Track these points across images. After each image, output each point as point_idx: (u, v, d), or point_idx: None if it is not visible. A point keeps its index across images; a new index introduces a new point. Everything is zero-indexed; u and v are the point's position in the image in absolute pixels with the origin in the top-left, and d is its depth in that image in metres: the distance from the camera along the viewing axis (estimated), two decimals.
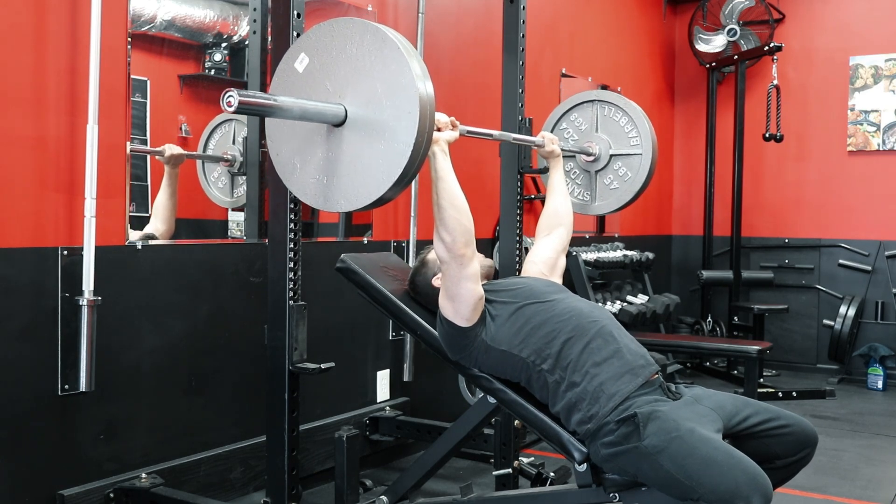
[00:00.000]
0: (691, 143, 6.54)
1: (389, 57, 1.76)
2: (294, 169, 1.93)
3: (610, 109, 2.94)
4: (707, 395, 2.10)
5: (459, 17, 4.07)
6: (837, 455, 3.94)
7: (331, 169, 1.86)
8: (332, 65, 1.85)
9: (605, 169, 2.96)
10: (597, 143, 2.96)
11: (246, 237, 3.09)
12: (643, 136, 2.88)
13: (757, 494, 1.78)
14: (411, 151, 1.72)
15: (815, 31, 6.07)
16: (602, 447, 2.00)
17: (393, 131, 1.75)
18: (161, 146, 2.79)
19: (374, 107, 1.78)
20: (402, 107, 1.74)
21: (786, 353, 6.06)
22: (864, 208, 5.89)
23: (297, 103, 1.80)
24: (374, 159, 1.78)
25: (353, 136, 1.82)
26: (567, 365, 2.10)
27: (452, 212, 2.08)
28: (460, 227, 2.09)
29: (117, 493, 2.51)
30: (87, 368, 2.35)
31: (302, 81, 1.90)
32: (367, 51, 1.79)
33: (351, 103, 1.82)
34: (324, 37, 1.88)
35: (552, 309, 2.22)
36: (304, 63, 1.89)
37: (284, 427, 2.23)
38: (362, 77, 1.80)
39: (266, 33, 3.04)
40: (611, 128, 2.94)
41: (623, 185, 2.92)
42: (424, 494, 2.83)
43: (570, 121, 3.04)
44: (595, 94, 3.02)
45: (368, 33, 1.79)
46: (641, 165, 2.88)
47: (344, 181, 1.84)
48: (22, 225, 2.33)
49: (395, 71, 1.75)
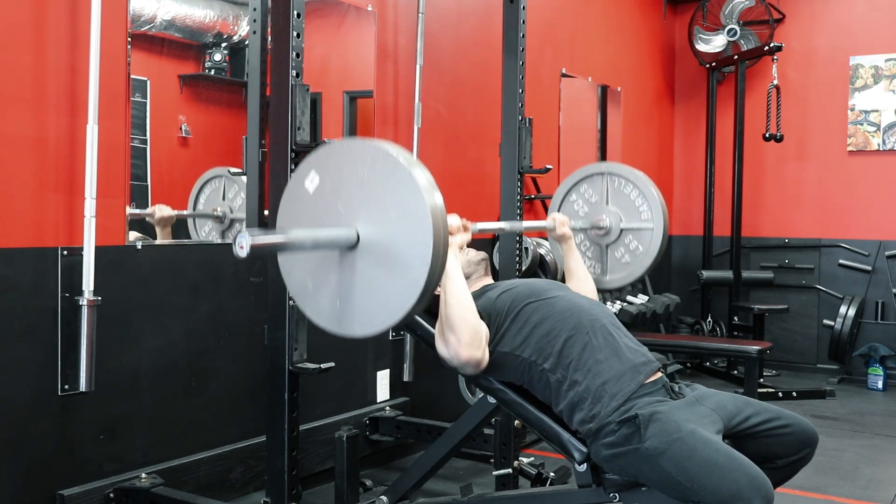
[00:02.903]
0: (691, 143, 6.54)
1: (398, 179, 1.72)
2: (307, 290, 1.90)
3: (620, 182, 2.90)
4: (708, 395, 2.10)
5: (459, 17, 4.07)
6: (837, 455, 3.94)
7: (344, 293, 1.82)
8: (343, 187, 1.81)
9: (615, 243, 2.91)
10: (607, 217, 2.91)
11: None
12: (654, 209, 2.84)
13: (758, 497, 1.78)
14: (425, 283, 1.69)
15: (815, 31, 6.07)
16: (603, 448, 2.00)
17: (407, 260, 1.71)
18: (151, 208, 2.78)
19: (386, 234, 1.75)
20: (414, 233, 1.69)
21: (786, 353, 6.06)
22: (864, 208, 5.89)
23: (309, 236, 1.77)
24: (388, 287, 1.74)
25: (366, 262, 1.78)
26: (569, 364, 2.10)
27: (459, 309, 2.07)
28: (467, 327, 2.07)
29: (117, 493, 2.51)
30: (87, 368, 2.35)
31: (312, 202, 1.85)
32: (378, 175, 1.75)
33: (363, 227, 1.77)
34: (335, 157, 1.85)
35: (553, 306, 2.21)
36: (314, 182, 1.85)
37: (284, 427, 2.23)
38: (375, 202, 1.76)
39: (266, 33, 3.03)
40: (621, 201, 2.89)
41: (634, 259, 2.88)
42: (424, 494, 2.83)
43: (579, 192, 3.00)
44: (605, 166, 2.99)
45: (380, 158, 1.75)
46: (653, 240, 2.82)
47: (358, 306, 1.80)
48: (22, 225, 2.33)
49: (407, 198, 1.70)
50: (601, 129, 5.54)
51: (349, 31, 3.59)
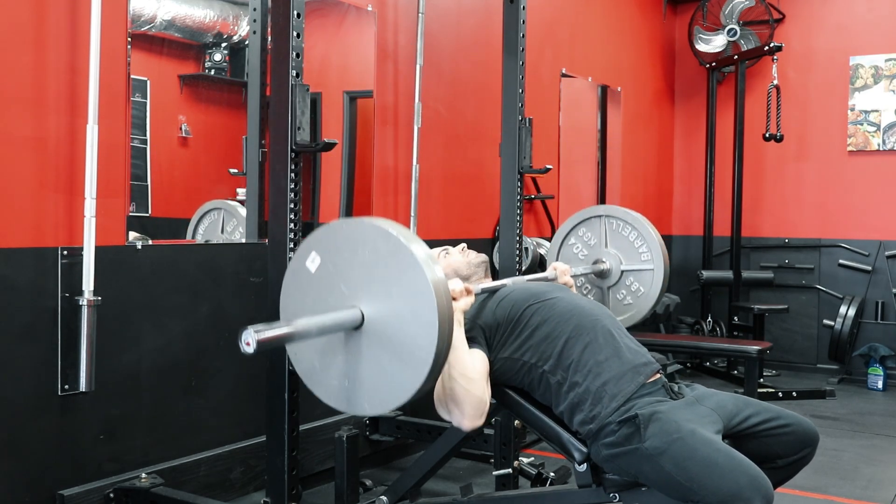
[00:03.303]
0: (691, 143, 6.54)
1: (402, 262, 1.72)
2: (314, 370, 1.91)
3: (618, 224, 2.92)
4: (708, 395, 2.10)
5: (459, 17, 4.07)
6: (837, 455, 3.94)
7: (352, 373, 1.82)
8: (344, 267, 1.81)
9: (617, 284, 2.93)
10: (607, 260, 2.92)
11: (246, 237, 3.09)
12: (653, 250, 2.85)
13: (758, 497, 1.78)
14: (433, 362, 1.68)
15: (815, 31, 6.07)
16: (603, 448, 2.00)
17: (413, 342, 1.70)
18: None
19: (391, 315, 1.74)
20: (420, 315, 1.69)
21: (786, 353, 6.06)
22: (864, 208, 5.89)
23: (314, 323, 1.76)
24: (395, 368, 1.74)
25: (371, 343, 1.78)
26: (569, 365, 2.09)
27: (463, 381, 2.03)
28: (470, 398, 2.04)
29: (117, 493, 2.51)
30: (87, 368, 2.35)
31: (315, 283, 1.86)
32: (380, 257, 1.75)
33: (367, 306, 1.77)
34: (334, 238, 1.85)
35: (552, 308, 2.21)
36: (315, 263, 1.85)
37: (284, 427, 2.23)
38: (376, 281, 1.76)
39: (266, 33, 3.04)
40: (620, 243, 2.91)
41: (636, 300, 2.90)
42: (424, 494, 2.82)
43: (578, 236, 3.01)
44: (603, 209, 3.00)
45: (380, 238, 1.75)
46: (654, 281, 2.84)
47: (366, 386, 1.80)
48: (22, 225, 2.33)
49: (409, 277, 1.70)
50: (601, 129, 5.54)
51: (349, 31, 3.59)
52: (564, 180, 4.98)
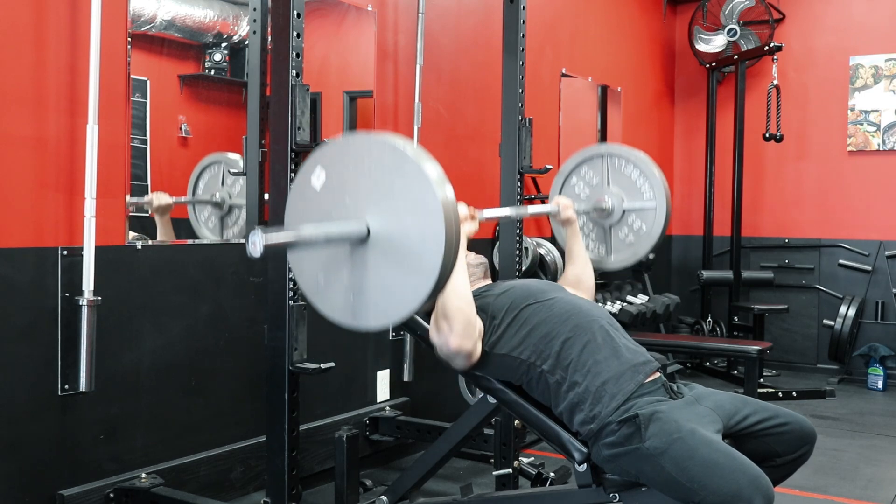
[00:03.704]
0: (691, 143, 6.54)
1: (408, 172, 1.71)
2: (319, 287, 1.89)
3: (620, 162, 2.89)
4: (707, 395, 2.10)
5: (459, 17, 4.07)
6: (837, 455, 3.94)
7: (357, 286, 1.81)
8: (350, 182, 1.80)
9: (619, 223, 2.90)
10: (609, 198, 2.90)
11: (246, 237, 3.09)
12: (655, 188, 2.83)
13: (759, 496, 1.77)
14: (439, 275, 1.68)
15: (815, 31, 6.07)
16: (604, 448, 2.00)
17: (419, 253, 1.70)
18: (149, 196, 2.78)
19: (397, 226, 1.73)
20: (426, 226, 1.68)
21: (786, 353, 6.06)
22: (864, 208, 5.89)
23: (321, 231, 1.75)
24: (401, 280, 1.73)
25: (377, 256, 1.77)
26: (568, 365, 2.09)
27: (455, 299, 2.05)
28: (461, 317, 2.06)
29: (117, 493, 2.51)
30: (87, 368, 2.35)
31: (320, 198, 1.85)
32: (387, 169, 1.74)
33: (373, 219, 1.76)
34: (340, 152, 1.84)
35: (551, 308, 2.21)
36: (321, 178, 1.84)
37: (284, 427, 2.23)
38: (383, 194, 1.75)
39: (266, 33, 3.04)
40: (622, 181, 2.88)
41: (638, 239, 2.87)
42: (424, 494, 2.83)
43: (580, 175, 2.99)
44: (605, 148, 2.98)
45: (387, 152, 1.75)
46: (656, 218, 2.82)
47: (371, 299, 1.79)
48: (22, 225, 2.33)
49: (415, 187, 1.70)
50: (601, 129, 5.54)
51: (349, 31, 3.59)
52: None
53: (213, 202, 3.01)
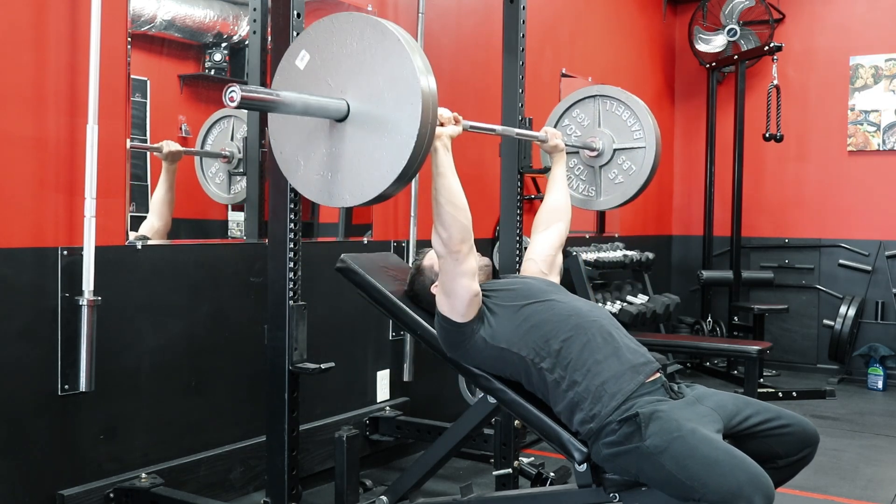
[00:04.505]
0: (691, 143, 6.54)
1: (390, 50, 1.75)
2: (298, 166, 1.93)
3: (612, 104, 2.93)
4: (708, 395, 2.10)
5: (459, 17, 4.07)
6: (837, 455, 3.94)
7: (334, 165, 1.85)
8: (333, 61, 1.84)
9: (608, 164, 2.95)
10: (600, 138, 2.94)
11: (246, 237, 3.09)
12: (646, 129, 2.87)
13: (759, 495, 1.77)
14: (414, 144, 1.71)
15: (815, 31, 6.07)
16: (604, 447, 2.00)
17: (395, 125, 1.74)
18: (159, 142, 2.79)
19: (376, 101, 1.78)
20: (404, 100, 1.73)
21: (786, 353, 6.06)
22: (864, 208, 5.89)
23: (300, 98, 1.79)
24: (377, 154, 1.77)
25: (355, 132, 1.82)
26: (567, 364, 2.10)
27: (450, 208, 2.08)
28: (457, 224, 2.09)
29: (117, 493, 2.51)
30: (87, 368, 2.35)
31: (303, 79, 1.89)
32: (367, 45, 1.79)
33: (353, 98, 1.82)
34: (324, 33, 1.87)
35: (551, 308, 2.21)
36: (305, 60, 1.88)
37: (284, 427, 2.23)
38: (364, 71, 1.79)
39: (266, 33, 3.04)
40: (613, 122, 2.93)
41: (627, 179, 2.91)
42: (424, 494, 2.83)
43: (572, 117, 3.03)
44: (597, 89, 3.00)
45: (369, 27, 1.79)
46: (645, 159, 2.87)
47: (348, 176, 1.84)
48: (22, 225, 2.33)
49: (396, 64, 1.74)
50: None
51: None
52: None
53: (223, 156, 3.02)
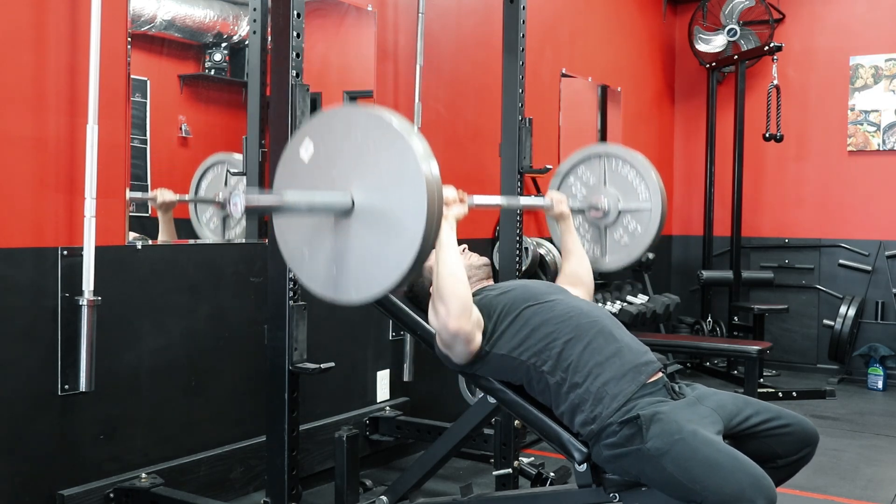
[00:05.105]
0: (691, 143, 6.54)
1: (394, 146, 1.72)
2: (303, 258, 1.90)
3: (617, 163, 2.91)
4: (708, 395, 2.10)
5: (459, 17, 4.07)
6: (837, 455, 3.94)
7: (340, 259, 1.82)
8: (337, 153, 1.81)
9: (614, 224, 2.91)
10: (605, 198, 2.90)
11: (246, 237, 3.09)
12: (651, 189, 2.84)
13: (761, 497, 1.77)
14: (420, 245, 1.68)
15: (815, 31, 6.07)
16: (605, 448, 2.00)
17: (401, 223, 1.71)
18: (153, 192, 2.78)
19: (381, 196, 1.75)
20: (409, 198, 1.70)
21: (786, 353, 6.06)
22: (864, 208, 5.89)
23: (304, 198, 1.76)
24: (383, 251, 1.74)
25: (361, 227, 1.78)
26: (568, 366, 2.09)
27: (450, 280, 2.06)
28: (456, 298, 2.06)
29: (117, 493, 2.51)
30: (87, 368, 2.35)
31: (307, 170, 1.86)
32: (371, 139, 1.76)
33: (358, 192, 1.78)
34: (328, 124, 1.85)
35: (552, 309, 2.20)
36: (308, 151, 1.85)
37: (284, 427, 2.23)
38: (368, 166, 1.76)
39: (266, 33, 3.04)
40: (619, 182, 2.89)
41: (633, 240, 2.87)
42: (424, 494, 2.82)
43: (577, 175, 3.00)
44: (602, 148, 2.99)
45: (372, 121, 1.76)
46: (651, 220, 2.83)
47: (354, 272, 1.80)
48: (22, 225, 2.33)
49: (400, 160, 1.71)
50: (601, 129, 5.54)
51: (349, 31, 3.59)
52: None
53: (216, 202, 3.01)
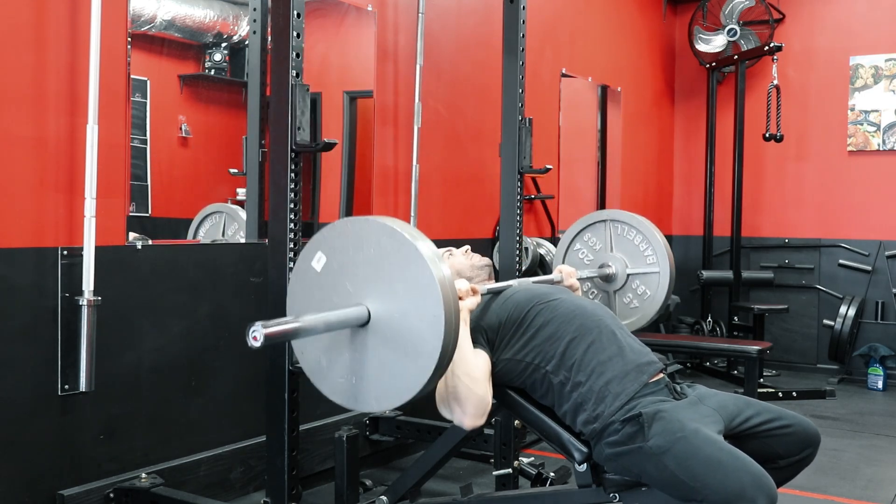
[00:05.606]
0: (691, 143, 6.54)
1: (407, 258, 1.73)
2: (321, 368, 1.91)
3: (623, 228, 2.92)
4: (709, 395, 2.10)
5: (459, 17, 4.07)
6: (837, 455, 3.94)
7: (358, 370, 1.83)
8: (350, 265, 1.82)
9: (623, 288, 2.93)
10: (613, 264, 2.93)
11: (246, 237, 3.09)
12: (658, 253, 2.85)
13: (762, 496, 1.77)
14: (439, 357, 1.69)
15: (815, 31, 6.07)
16: (606, 447, 2.00)
17: (420, 336, 1.71)
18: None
19: (396, 308, 1.75)
20: (425, 309, 1.70)
21: (786, 353, 6.06)
22: (864, 208, 5.89)
23: (321, 319, 1.76)
24: (402, 364, 1.75)
25: (378, 339, 1.78)
26: (572, 365, 2.09)
27: (467, 380, 2.04)
28: (473, 398, 2.04)
29: (117, 493, 2.51)
30: (87, 368, 2.35)
31: (321, 282, 1.87)
32: (384, 252, 1.76)
33: (373, 304, 1.78)
34: (339, 236, 1.86)
35: (555, 309, 2.21)
36: (321, 262, 1.86)
37: (284, 427, 2.23)
38: (382, 278, 1.77)
39: (266, 33, 3.04)
40: (625, 246, 2.92)
41: (643, 303, 2.89)
42: (424, 494, 2.82)
43: (583, 241, 3.02)
44: (607, 213, 3.02)
45: (385, 235, 1.77)
46: (660, 283, 2.84)
47: (373, 384, 1.81)
48: (22, 225, 2.32)
49: (414, 273, 1.71)
50: (601, 129, 5.54)
51: (349, 31, 3.59)
52: (564, 180, 4.98)
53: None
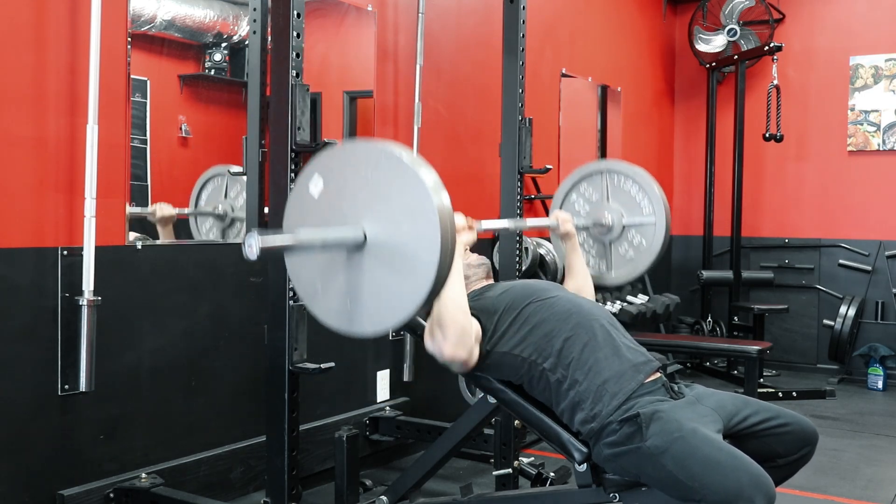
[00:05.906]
0: (691, 143, 6.54)
1: (404, 179, 1.72)
2: (315, 292, 1.90)
3: (620, 179, 2.91)
4: (707, 395, 2.10)
5: (459, 17, 4.07)
6: (837, 455, 3.94)
7: (353, 293, 1.82)
8: (347, 189, 1.82)
9: (619, 239, 2.91)
10: (609, 214, 2.90)
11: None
12: (655, 203, 2.84)
13: (760, 496, 1.77)
14: (434, 281, 1.68)
15: (815, 31, 6.07)
16: (605, 447, 2.00)
17: (416, 257, 1.70)
18: (152, 206, 2.78)
19: (393, 230, 1.75)
20: (422, 231, 1.69)
21: (786, 353, 6.06)
22: (864, 208, 5.89)
23: (318, 236, 1.76)
24: (396, 286, 1.74)
25: (373, 262, 1.78)
26: (569, 363, 2.09)
27: (451, 306, 2.05)
28: (454, 325, 2.06)
29: (117, 493, 2.51)
30: (87, 368, 2.35)
31: (317, 206, 1.86)
32: (383, 176, 1.75)
33: (370, 226, 1.77)
34: (338, 160, 1.85)
35: (552, 306, 2.21)
36: (318, 186, 1.85)
37: (284, 427, 2.23)
38: (380, 201, 1.76)
39: (266, 33, 3.03)
40: (622, 197, 2.89)
41: (638, 254, 2.88)
42: (424, 494, 2.83)
43: (579, 192, 3.00)
44: (604, 164, 2.99)
45: (384, 159, 1.76)
46: (656, 233, 2.83)
47: (367, 305, 1.80)
48: (22, 225, 2.33)
49: (413, 198, 1.70)
50: (601, 129, 5.54)
51: (349, 31, 3.59)
52: None
53: (216, 214, 3.01)
